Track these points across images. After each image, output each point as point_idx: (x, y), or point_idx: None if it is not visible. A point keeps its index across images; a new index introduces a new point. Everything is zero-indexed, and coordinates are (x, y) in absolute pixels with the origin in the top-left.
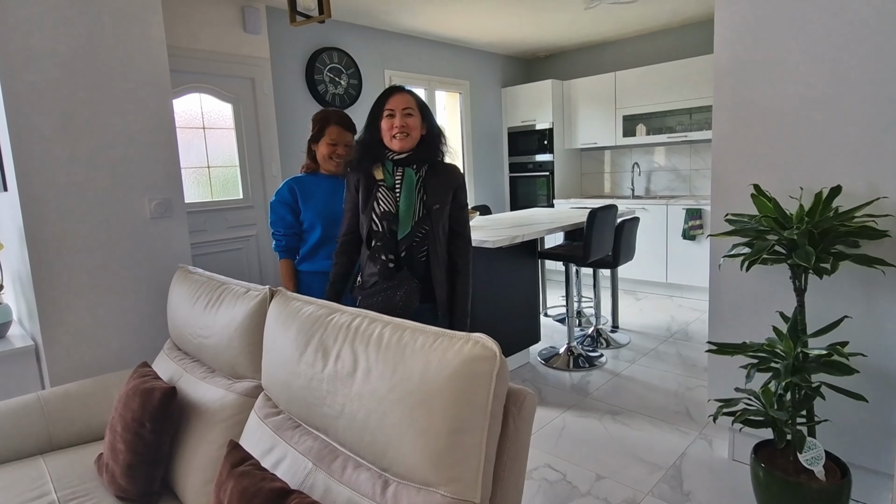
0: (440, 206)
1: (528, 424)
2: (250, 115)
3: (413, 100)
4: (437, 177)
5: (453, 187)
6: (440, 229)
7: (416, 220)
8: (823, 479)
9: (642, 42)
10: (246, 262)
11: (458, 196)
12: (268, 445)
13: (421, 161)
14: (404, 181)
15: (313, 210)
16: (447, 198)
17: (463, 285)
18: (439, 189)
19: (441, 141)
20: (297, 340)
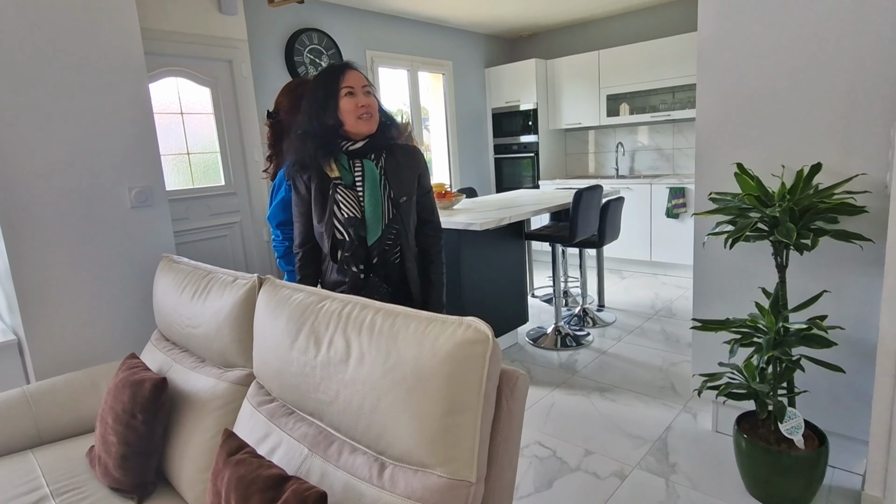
0: (408, 199)
1: (521, 404)
2: (229, 99)
3: (364, 80)
4: (397, 165)
5: (416, 172)
6: (410, 224)
7: (387, 221)
8: (802, 448)
9: (626, 20)
10: (230, 249)
11: (423, 181)
12: (262, 433)
13: (378, 149)
14: (366, 177)
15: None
16: (413, 187)
17: (437, 275)
18: (403, 178)
19: (392, 121)
20: (289, 328)
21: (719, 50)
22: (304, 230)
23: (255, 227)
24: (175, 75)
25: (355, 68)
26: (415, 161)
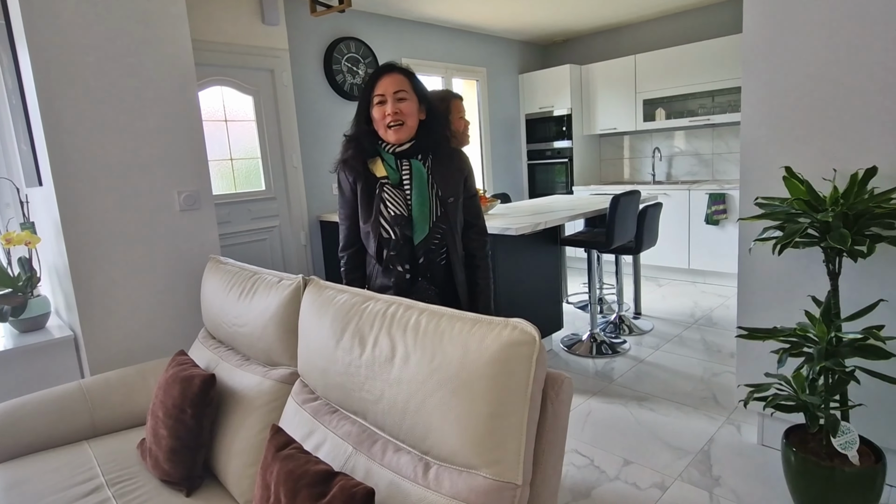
0: (455, 199)
1: (566, 408)
2: (270, 107)
3: (406, 80)
4: (444, 166)
5: (462, 175)
6: (457, 225)
7: (434, 219)
8: (857, 464)
9: (663, 23)
10: (270, 252)
11: (469, 184)
12: (307, 430)
13: (425, 150)
14: (413, 176)
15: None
16: (459, 188)
17: (484, 280)
18: (450, 180)
19: (445, 125)
20: (333, 328)
21: (766, 49)
22: (349, 233)
23: (294, 230)
24: (220, 84)
25: (393, 71)
26: (460, 163)
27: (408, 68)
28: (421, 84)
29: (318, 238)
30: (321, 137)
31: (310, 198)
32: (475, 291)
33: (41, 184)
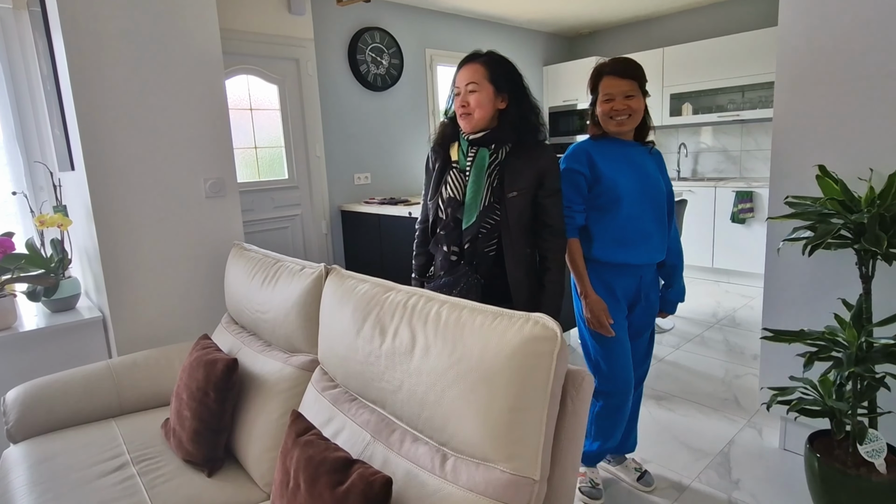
0: (518, 194)
1: (586, 405)
2: (295, 96)
3: (483, 70)
4: (518, 160)
5: (537, 171)
6: (516, 221)
7: (482, 208)
8: (885, 473)
9: (693, 16)
10: (291, 240)
11: (547, 182)
12: (326, 417)
13: (501, 141)
14: (475, 163)
15: (618, 182)
16: (527, 184)
17: (551, 283)
18: (519, 174)
19: (531, 118)
20: (354, 317)
21: (802, 43)
22: (424, 208)
23: (315, 219)
24: (246, 73)
25: (470, 62)
26: (538, 160)
27: (492, 55)
28: (504, 71)
29: (338, 228)
30: (344, 127)
31: (332, 188)
32: (540, 294)
33: (73, 168)
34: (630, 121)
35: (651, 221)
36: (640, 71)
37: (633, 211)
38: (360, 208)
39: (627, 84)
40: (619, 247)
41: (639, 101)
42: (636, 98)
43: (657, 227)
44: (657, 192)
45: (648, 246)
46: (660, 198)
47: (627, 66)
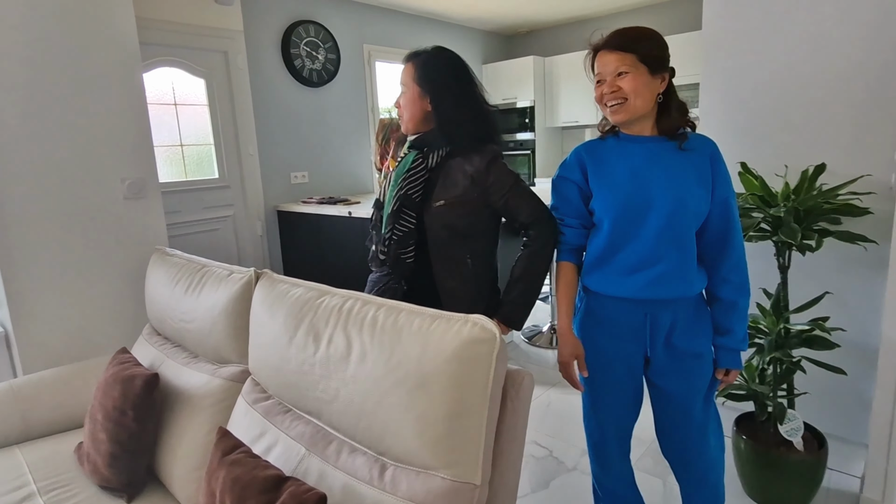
0: (446, 204)
1: (526, 405)
2: (224, 91)
3: (412, 70)
4: (452, 167)
5: (471, 178)
6: (445, 229)
7: (390, 213)
8: (802, 450)
9: (625, 18)
10: (223, 243)
11: (492, 188)
12: (258, 431)
13: (431, 146)
14: (397, 167)
15: (605, 191)
16: (460, 193)
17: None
18: (452, 183)
19: (460, 121)
20: (287, 324)
21: (725, 49)
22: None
23: (249, 220)
24: (169, 65)
25: (406, 61)
26: (470, 164)
27: (428, 53)
28: (430, 70)
29: (275, 229)
30: (279, 124)
31: (266, 187)
32: (508, 284)
33: None
34: (624, 109)
35: (657, 244)
36: (640, 40)
37: (627, 229)
38: (297, 208)
39: (617, 58)
40: (606, 273)
41: (634, 79)
42: (630, 75)
43: (670, 252)
44: (675, 204)
45: (651, 276)
46: (680, 212)
47: (622, 36)
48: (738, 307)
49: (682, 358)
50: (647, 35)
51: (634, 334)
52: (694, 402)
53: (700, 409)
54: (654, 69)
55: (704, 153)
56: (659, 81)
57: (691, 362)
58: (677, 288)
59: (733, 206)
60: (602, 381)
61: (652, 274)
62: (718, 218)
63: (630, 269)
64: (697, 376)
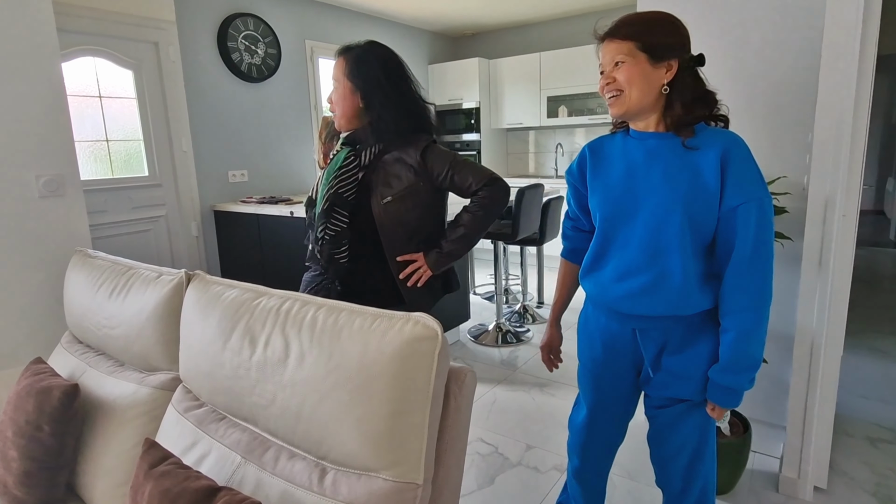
0: (393, 199)
1: (469, 402)
2: (155, 84)
3: (343, 65)
4: (389, 163)
5: (413, 167)
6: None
7: (321, 211)
8: (729, 435)
9: (566, 24)
10: (155, 245)
11: (435, 169)
12: (189, 441)
13: (364, 143)
14: (330, 164)
15: (598, 192)
16: (407, 184)
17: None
18: (394, 177)
19: (394, 119)
20: (221, 327)
21: None
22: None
23: (183, 220)
24: (92, 55)
25: (338, 56)
26: (409, 155)
27: (360, 48)
28: (362, 66)
29: (212, 230)
30: (216, 120)
31: (202, 186)
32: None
33: None
34: (619, 101)
35: (640, 252)
36: (641, 25)
37: (616, 233)
38: (235, 208)
39: (615, 47)
40: (597, 277)
41: (629, 68)
42: (626, 65)
43: (655, 263)
44: (661, 210)
45: (633, 287)
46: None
47: (622, 23)
48: (728, 335)
49: (671, 382)
50: (651, 20)
51: (625, 349)
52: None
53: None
54: (656, 57)
55: (714, 152)
56: (664, 71)
57: (682, 385)
58: (663, 303)
59: (749, 218)
60: (593, 387)
61: (634, 284)
62: (724, 230)
63: (617, 277)
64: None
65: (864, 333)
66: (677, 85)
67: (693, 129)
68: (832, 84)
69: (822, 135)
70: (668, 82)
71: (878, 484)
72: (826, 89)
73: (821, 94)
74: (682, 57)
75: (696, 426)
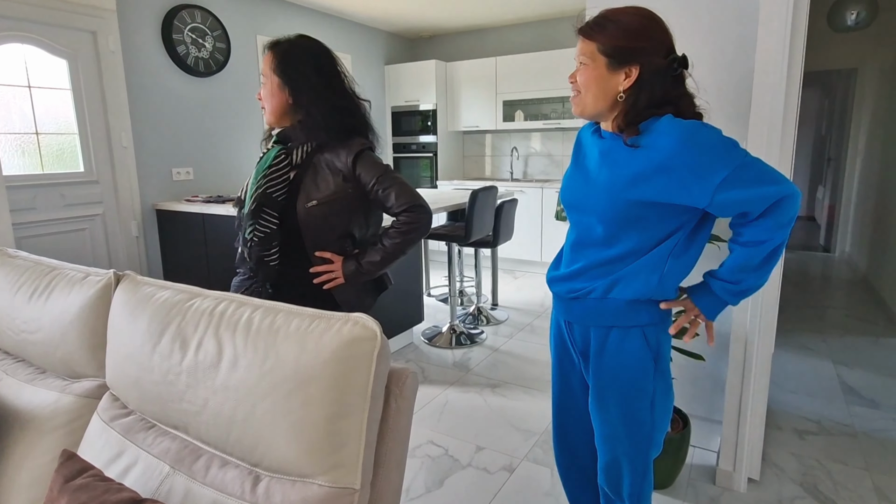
0: (319, 204)
1: (410, 404)
2: (92, 75)
3: (272, 59)
4: (321, 165)
5: (342, 174)
6: (326, 231)
7: (249, 212)
8: (670, 430)
9: (522, 30)
10: (91, 244)
11: (363, 177)
12: (114, 452)
13: (296, 140)
14: (259, 163)
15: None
16: (335, 190)
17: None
18: (323, 180)
19: (318, 117)
20: (150, 330)
21: None
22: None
23: (122, 220)
24: (20, 41)
25: (266, 50)
26: (339, 159)
27: (289, 42)
28: (291, 61)
29: (153, 230)
30: (159, 115)
31: (143, 183)
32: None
33: None
34: (576, 102)
35: (570, 247)
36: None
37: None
38: (180, 207)
39: (581, 46)
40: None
41: (586, 72)
42: (585, 67)
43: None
44: (587, 209)
45: (557, 274)
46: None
47: (593, 20)
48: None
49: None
50: (621, 20)
51: (563, 345)
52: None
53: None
54: (615, 62)
55: (658, 152)
56: (622, 77)
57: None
58: (574, 298)
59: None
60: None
61: (559, 272)
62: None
63: (556, 264)
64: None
65: (794, 332)
66: (636, 91)
67: (637, 128)
68: (763, 95)
69: (755, 141)
70: (626, 89)
71: (804, 474)
72: (758, 100)
73: (753, 105)
74: (646, 62)
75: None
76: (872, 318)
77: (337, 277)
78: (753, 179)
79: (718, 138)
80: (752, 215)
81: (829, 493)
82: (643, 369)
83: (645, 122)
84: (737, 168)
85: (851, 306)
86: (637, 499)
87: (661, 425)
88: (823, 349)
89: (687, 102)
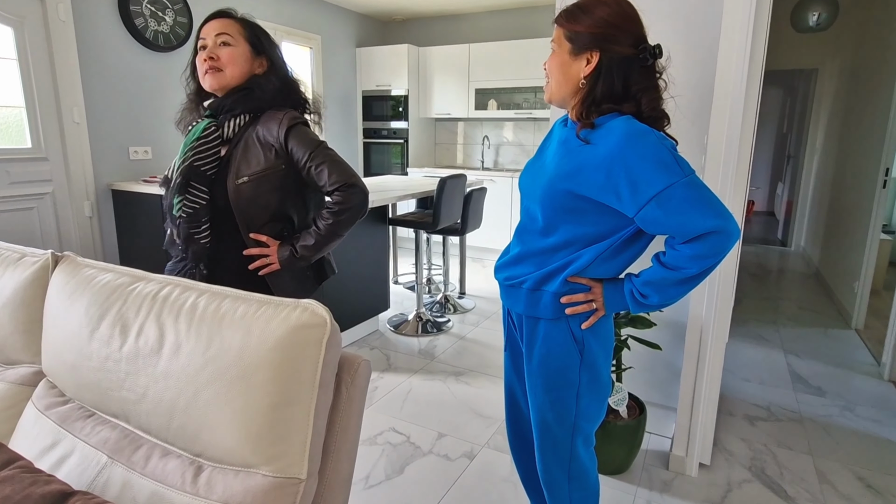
0: (250, 180)
1: (362, 392)
2: (40, 45)
3: (237, 26)
4: (250, 137)
5: (274, 148)
6: (256, 210)
7: (174, 187)
8: (626, 417)
9: (496, 17)
10: (39, 225)
11: (295, 153)
12: (49, 441)
13: (231, 111)
14: (187, 136)
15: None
16: (266, 167)
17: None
18: (252, 154)
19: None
20: (89, 314)
21: None
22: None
23: (74, 199)
24: None
25: (221, 16)
26: (271, 133)
27: (246, 17)
28: (262, 33)
29: (109, 211)
30: (115, 90)
31: (98, 162)
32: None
33: None
34: (546, 88)
35: (516, 233)
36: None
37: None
38: (137, 188)
39: (555, 32)
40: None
41: (552, 57)
42: (553, 54)
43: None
44: (532, 198)
45: (501, 259)
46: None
47: (567, 8)
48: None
49: (528, 378)
50: (589, 6)
51: (510, 331)
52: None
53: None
54: (576, 48)
55: (601, 149)
56: (583, 63)
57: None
58: (511, 286)
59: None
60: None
61: (502, 260)
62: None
63: (504, 253)
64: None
65: (750, 322)
66: (594, 78)
67: (592, 122)
68: (724, 92)
69: (714, 138)
70: (587, 75)
71: (753, 458)
72: (719, 97)
73: (714, 102)
74: (608, 48)
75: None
76: (823, 309)
77: (272, 263)
78: (687, 204)
79: (664, 152)
80: (676, 240)
81: (775, 476)
82: (569, 361)
83: (603, 117)
84: (672, 187)
85: (804, 298)
86: (577, 482)
87: (590, 415)
88: (776, 339)
89: (651, 98)
